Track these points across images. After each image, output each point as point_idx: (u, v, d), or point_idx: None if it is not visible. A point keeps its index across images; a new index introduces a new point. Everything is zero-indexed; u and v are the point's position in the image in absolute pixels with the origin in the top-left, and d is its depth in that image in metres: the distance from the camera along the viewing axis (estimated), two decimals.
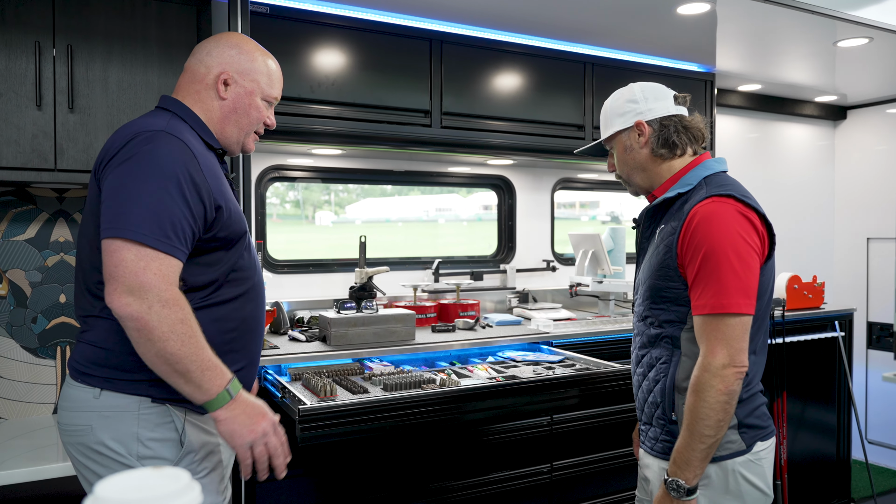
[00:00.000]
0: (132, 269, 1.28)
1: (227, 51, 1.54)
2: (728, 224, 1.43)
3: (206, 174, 1.41)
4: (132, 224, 1.29)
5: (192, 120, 1.50)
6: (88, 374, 1.41)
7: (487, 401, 1.98)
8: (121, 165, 1.34)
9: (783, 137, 4.46)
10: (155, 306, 1.28)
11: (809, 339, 3.33)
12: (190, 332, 1.31)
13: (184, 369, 1.30)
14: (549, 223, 3.61)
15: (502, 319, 2.87)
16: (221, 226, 1.44)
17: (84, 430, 1.39)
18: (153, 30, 2.20)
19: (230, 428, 1.35)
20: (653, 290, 1.55)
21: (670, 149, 1.59)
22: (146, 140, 1.36)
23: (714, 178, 1.55)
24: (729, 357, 1.40)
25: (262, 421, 1.38)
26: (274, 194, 3.27)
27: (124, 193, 1.32)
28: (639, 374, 1.63)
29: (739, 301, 1.41)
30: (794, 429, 3.32)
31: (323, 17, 2.51)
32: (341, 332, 2.31)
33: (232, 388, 1.35)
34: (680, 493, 1.45)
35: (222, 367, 1.36)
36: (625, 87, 1.67)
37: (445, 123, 2.77)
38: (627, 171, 1.66)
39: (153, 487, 0.60)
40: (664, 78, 3.27)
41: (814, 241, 4.57)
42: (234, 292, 1.49)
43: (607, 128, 1.68)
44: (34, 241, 2.33)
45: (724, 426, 1.42)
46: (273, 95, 1.59)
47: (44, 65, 2.04)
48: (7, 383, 2.29)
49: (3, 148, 2.00)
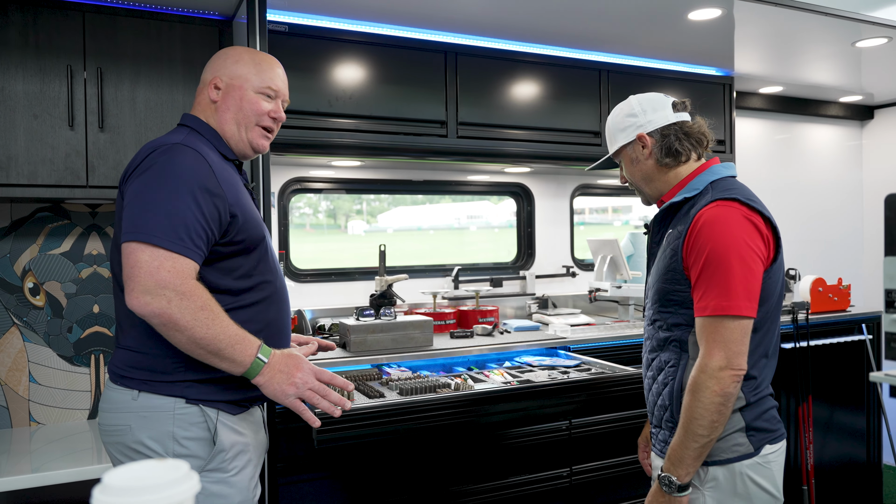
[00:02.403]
0: (147, 269, 1.37)
1: (217, 59, 1.67)
2: (731, 228, 1.45)
3: (221, 182, 1.50)
4: (147, 228, 1.39)
5: (207, 133, 1.60)
6: (127, 377, 1.50)
7: (500, 404, 2.02)
8: (140, 176, 1.45)
9: (809, 139, 4.40)
10: (174, 300, 1.36)
11: (835, 343, 3.29)
12: (212, 316, 1.40)
13: (215, 349, 1.40)
14: (568, 229, 3.64)
15: (520, 325, 2.90)
16: (237, 231, 1.52)
17: (123, 430, 1.48)
18: (178, 51, 2.30)
19: (272, 390, 1.46)
20: (661, 294, 1.58)
21: (674, 157, 1.63)
22: (163, 152, 1.47)
23: (720, 182, 1.57)
24: (726, 359, 1.42)
25: (297, 372, 1.48)
26: (307, 205, 3.35)
27: (141, 201, 1.42)
28: (649, 378, 1.65)
29: (740, 304, 1.42)
30: (822, 434, 3.27)
31: (339, 34, 2.59)
32: (360, 339, 2.38)
33: (263, 354, 1.45)
34: (672, 489, 1.48)
35: (249, 337, 1.45)
36: (623, 101, 1.71)
37: (461, 133, 2.82)
38: (636, 181, 1.71)
39: (156, 476, 0.66)
40: (681, 83, 3.28)
41: (842, 244, 4.49)
42: (256, 297, 1.57)
43: (612, 143, 1.73)
44: (69, 254, 2.45)
45: (718, 427, 1.44)
46: (267, 85, 1.64)
47: (75, 87, 2.15)
48: (45, 390, 2.41)
49: (38, 167, 2.11)
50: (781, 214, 4.21)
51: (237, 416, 1.55)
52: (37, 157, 2.11)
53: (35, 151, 2.11)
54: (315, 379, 1.50)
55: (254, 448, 1.60)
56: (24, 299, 2.39)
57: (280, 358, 1.48)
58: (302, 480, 2.20)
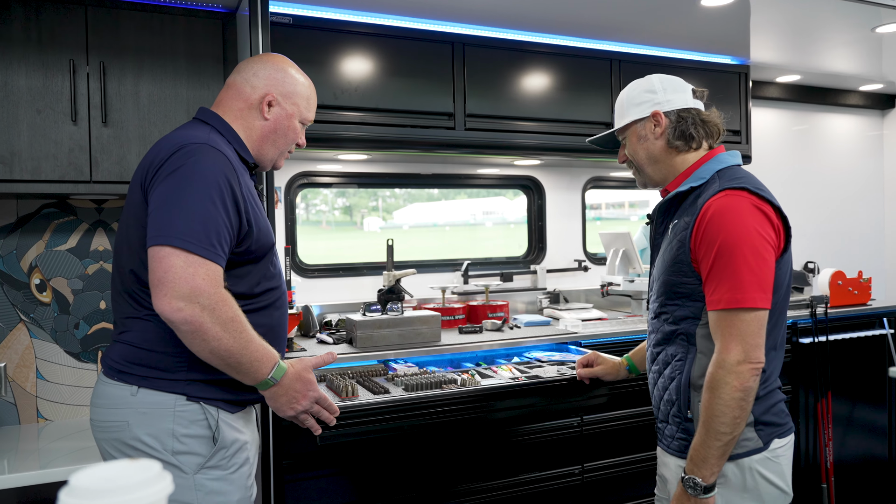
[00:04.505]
0: (182, 275, 1.34)
1: (274, 73, 1.62)
2: (742, 217, 1.41)
3: (244, 189, 1.49)
4: (180, 232, 1.36)
5: (229, 135, 1.57)
6: (126, 372, 1.47)
7: (507, 400, 1.98)
8: (168, 177, 1.41)
9: (828, 129, 4.30)
10: (207, 309, 1.34)
11: (855, 337, 3.21)
12: (241, 328, 1.39)
13: (236, 362, 1.40)
14: (580, 223, 3.58)
15: (531, 320, 2.85)
16: (252, 241, 1.51)
17: (120, 426, 1.45)
18: (181, 44, 2.28)
19: (273, 404, 1.51)
20: (667, 286, 1.54)
21: (686, 141, 1.59)
22: (190, 152, 1.43)
23: (727, 171, 1.53)
24: (744, 353, 1.38)
25: (302, 400, 1.51)
26: (323, 202, 3.33)
27: (171, 203, 1.39)
28: (654, 372, 1.62)
29: (755, 295, 1.38)
30: (842, 430, 3.20)
31: (344, 25, 2.56)
32: (367, 335, 2.35)
33: (276, 374, 1.46)
34: (697, 490, 1.43)
35: (269, 354, 1.45)
36: (642, 78, 1.66)
37: (469, 125, 2.78)
38: (640, 161, 1.65)
39: (126, 477, 0.63)
40: (695, 72, 3.21)
41: (863, 236, 4.39)
42: (263, 301, 1.56)
43: (622, 117, 1.67)
44: (75, 250, 2.44)
45: (740, 423, 1.40)
46: (309, 119, 1.69)
47: (78, 82, 2.14)
48: (53, 387, 2.41)
49: (42, 162, 2.10)
50: (799, 207, 4.15)
51: (235, 413, 1.54)
52: (40, 153, 2.10)
53: (38, 147, 2.10)
54: (315, 404, 1.53)
55: (251, 445, 1.60)
56: (31, 296, 2.39)
57: (290, 380, 1.49)
58: (308, 478, 2.17)
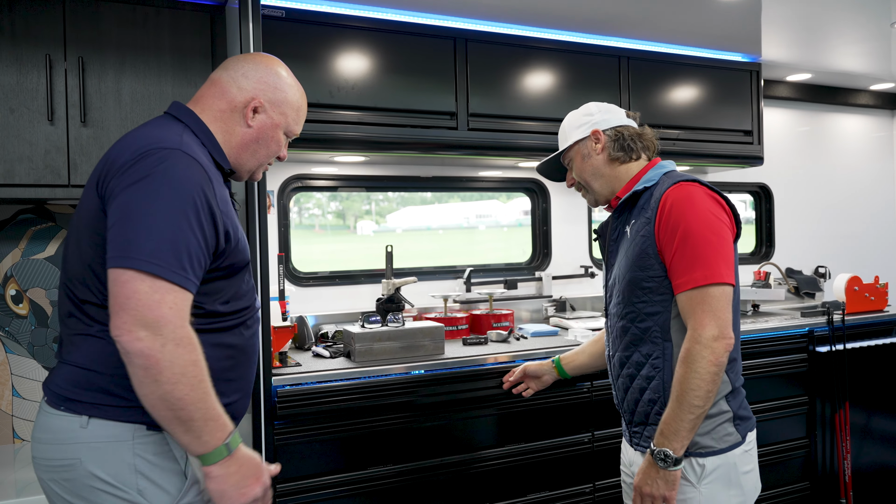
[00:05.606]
0: (146, 301, 1.17)
1: (266, 77, 1.46)
2: (701, 202, 1.53)
3: (219, 200, 1.32)
4: (146, 253, 1.18)
5: (205, 137, 1.40)
6: (73, 399, 1.28)
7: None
8: (133, 186, 1.22)
9: (837, 129, 4.20)
10: (169, 345, 1.17)
11: (873, 345, 3.09)
12: (200, 377, 1.21)
13: (187, 417, 1.19)
14: (586, 227, 3.45)
15: (538, 330, 2.72)
16: (228, 255, 1.34)
17: (71, 465, 1.27)
18: (166, 39, 2.14)
19: (221, 487, 1.25)
20: (633, 284, 1.60)
21: (626, 152, 1.72)
22: (161, 158, 1.24)
23: (672, 173, 1.66)
24: (718, 329, 1.46)
25: (255, 485, 1.29)
26: (316, 205, 3.21)
27: (136, 218, 1.20)
28: (625, 377, 1.66)
29: (722, 271, 1.48)
30: (859, 441, 3.07)
31: (340, 19, 2.41)
32: (366, 348, 2.20)
33: (231, 443, 1.26)
34: (668, 463, 1.49)
35: (225, 418, 1.25)
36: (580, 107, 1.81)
37: (473, 125, 2.64)
38: (586, 178, 1.76)
39: None
40: (705, 70, 3.09)
41: (876, 240, 4.28)
42: (232, 320, 1.39)
43: (566, 140, 1.80)
44: (54, 258, 2.29)
45: (711, 397, 1.48)
46: (295, 132, 1.54)
47: (55, 78, 1.99)
48: (30, 405, 2.25)
49: (15, 165, 1.96)
50: (810, 208, 4.04)
51: None
52: (13, 155, 1.95)
53: (11, 148, 1.95)
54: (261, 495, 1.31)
55: None
56: (6, 307, 2.23)
57: (244, 456, 1.29)
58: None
